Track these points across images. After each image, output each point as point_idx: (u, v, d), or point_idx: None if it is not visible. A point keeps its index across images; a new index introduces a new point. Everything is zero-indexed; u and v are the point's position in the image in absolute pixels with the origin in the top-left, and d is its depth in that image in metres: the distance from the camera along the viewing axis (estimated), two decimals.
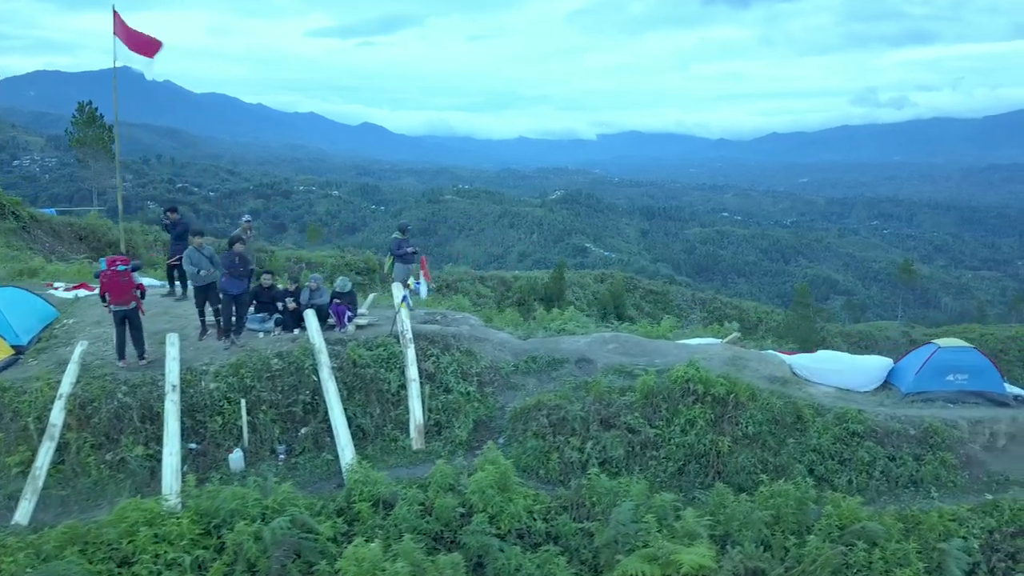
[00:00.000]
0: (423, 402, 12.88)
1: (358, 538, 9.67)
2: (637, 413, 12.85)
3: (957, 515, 11.53)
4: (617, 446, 12.48)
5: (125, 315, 12.62)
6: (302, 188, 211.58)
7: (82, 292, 17.05)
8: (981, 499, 12.11)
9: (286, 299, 13.83)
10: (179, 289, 15.95)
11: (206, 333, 13.61)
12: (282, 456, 12.05)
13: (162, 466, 10.97)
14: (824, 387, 14.69)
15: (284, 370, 12.71)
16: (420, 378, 13.16)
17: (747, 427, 12.70)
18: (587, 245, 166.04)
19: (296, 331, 13.67)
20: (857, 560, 10.39)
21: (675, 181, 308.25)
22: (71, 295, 17.01)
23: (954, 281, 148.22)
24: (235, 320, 13.28)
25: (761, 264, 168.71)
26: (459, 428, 12.83)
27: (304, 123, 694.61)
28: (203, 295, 13.41)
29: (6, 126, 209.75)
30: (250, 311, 13.99)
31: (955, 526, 11.38)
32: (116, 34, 19.02)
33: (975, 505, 11.82)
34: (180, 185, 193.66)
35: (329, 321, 14.01)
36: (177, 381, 11.91)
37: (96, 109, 51.43)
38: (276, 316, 13.89)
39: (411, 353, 13.29)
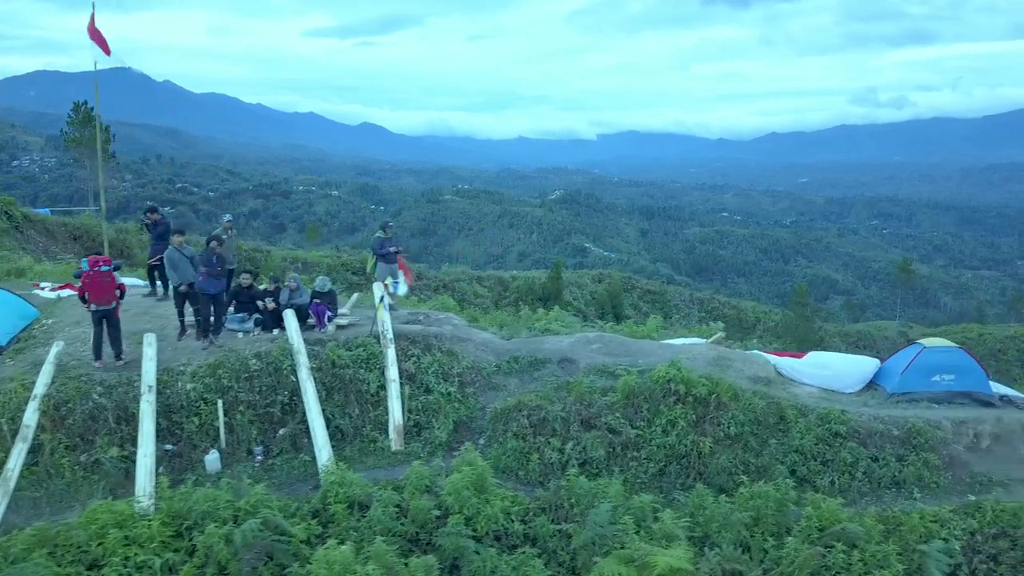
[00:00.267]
0: (403, 403, 12.77)
1: (331, 540, 9.58)
2: (618, 413, 12.75)
3: (939, 516, 11.42)
4: (597, 447, 12.38)
5: (104, 315, 12.56)
6: (302, 188, 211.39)
7: (66, 292, 16.98)
8: (964, 500, 12.00)
9: (265, 299, 13.74)
10: (160, 289, 15.88)
11: (185, 333, 13.52)
12: (259, 457, 11.97)
13: (136, 468, 10.88)
14: (809, 387, 14.59)
15: (262, 370, 12.61)
16: (400, 378, 13.06)
17: (729, 428, 12.60)
18: (587, 245, 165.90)
19: (275, 331, 13.58)
20: (836, 562, 10.29)
21: (675, 181, 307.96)
22: (54, 295, 16.95)
23: (954, 281, 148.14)
24: (213, 320, 13.19)
25: (761, 264, 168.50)
26: (439, 429, 12.73)
27: (304, 123, 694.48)
28: (182, 295, 13.32)
29: (5, 126, 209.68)
30: (230, 311, 13.90)
31: (936, 527, 11.27)
32: (89, 30, 19.20)
33: (957, 506, 11.71)
34: (180, 185, 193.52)
35: (309, 321, 13.91)
36: (153, 382, 11.81)
37: (92, 109, 51.38)
38: (255, 316, 13.79)
39: (391, 353, 13.19)
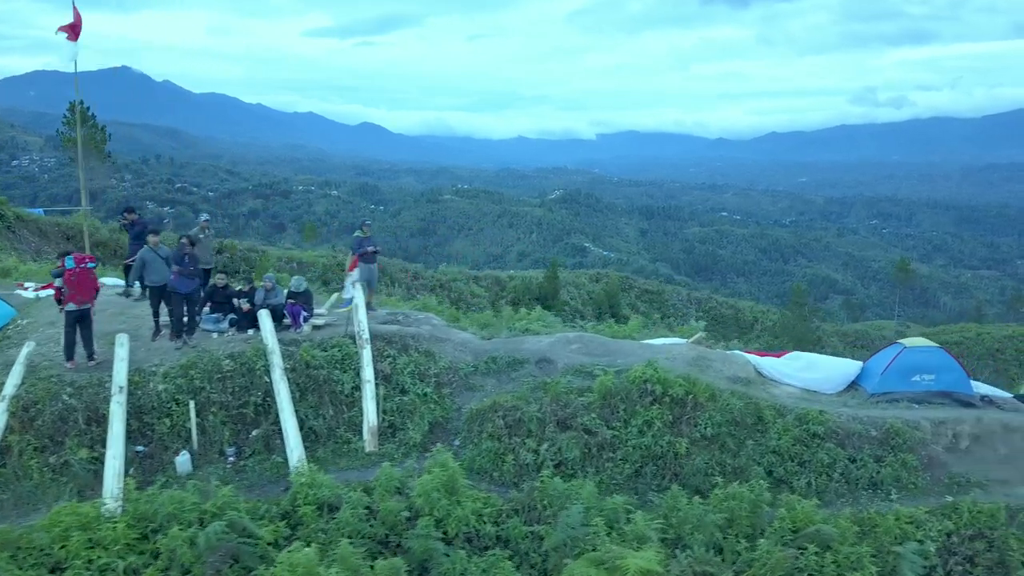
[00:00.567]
0: (377, 404, 12.69)
1: (296, 543, 9.49)
2: (594, 414, 12.66)
3: (914, 518, 11.31)
4: (573, 448, 12.29)
5: (82, 315, 12.49)
6: (301, 188, 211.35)
7: (45, 292, 16.86)
8: (942, 501, 11.91)
9: (240, 299, 13.66)
10: (137, 289, 15.79)
11: (160, 334, 13.43)
12: (231, 459, 11.88)
13: (104, 469, 10.79)
14: (790, 388, 14.50)
15: (235, 371, 12.52)
16: (376, 379, 12.97)
17: (705, 428, 12.52)
18: (586, 245, 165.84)
19: (250, 332, 13.49)
20: (809, 564, 10.20)
21: (674, 180, 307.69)
22: (33, 295, 16.85)
23: (953, 280, 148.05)
24: (187, 320, 13.11)
25: (760, 263, 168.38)
26: (413, 430, 12.64)
27: (303, 123, 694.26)
28: (157, 295, 13.24)
29: (5, 126, 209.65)
30: (205, 311, 13.81)
31: (912, 529, 11.16)
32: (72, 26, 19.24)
33: (934, 508, 11.62)
34: (179, 185, 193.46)
35: (285, 322, 13.83)
36: (125, 382, 11.72)
37: (88, 109, 51.35)
38: (230, 317, 13.71)
39: (367, 354, 13.10)
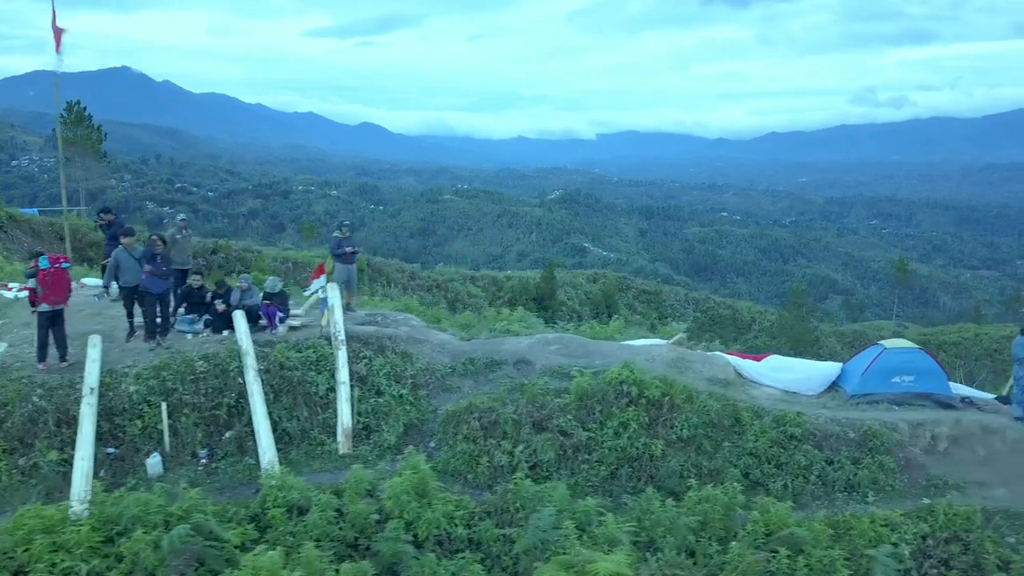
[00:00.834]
0: (352, 405, 12.62)
1: (261, 546, 9.42)
2: (570, 415, 12.58)
3: (890, 520, 11.21)
4: (548, 449, 12.22)
5: (55, 315, 12.44)
6: (301, 188, 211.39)
7: (24, 293, 16.81)
8: (918, 503, 11.82)
9: (215, 300, 13.59)
10: (115, 289, 15.69)
11: (134, 335, 13.37)
12: (203, 461, 11.81)
13: (72, 471, 10.72)
14: (770, 389, 14.43)
15: (209, 372, 12.45)
16: (351, 381, 12.90)
17: (682, 430, 12.44)
18: (586, 245, 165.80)
19: (225, 333, 13.42)
20: (780, 567, 10.13)
21: (674, 181, 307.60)
22: (14, 296, 16.78)
23: (953, 280, 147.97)
24: (160, 321, 13.04)
25: (760, 264, 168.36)
26: (388, 432, 12.57)
27: (303, 123, 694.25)
28: (130, 296, 13.17)
29: (4, 126, 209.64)
30: (180, 312, 13.75)
31: (887, 532, 11.06)
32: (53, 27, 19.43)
33: (909, 510, 11.53)
34: (179, 185, 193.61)
35: (261, 323, 13.76)
36: (96, 384, 11.65)
37: (84, 109, 51.34)
38: (205, 318, 13.64)
39: (342, 355, 13.03)
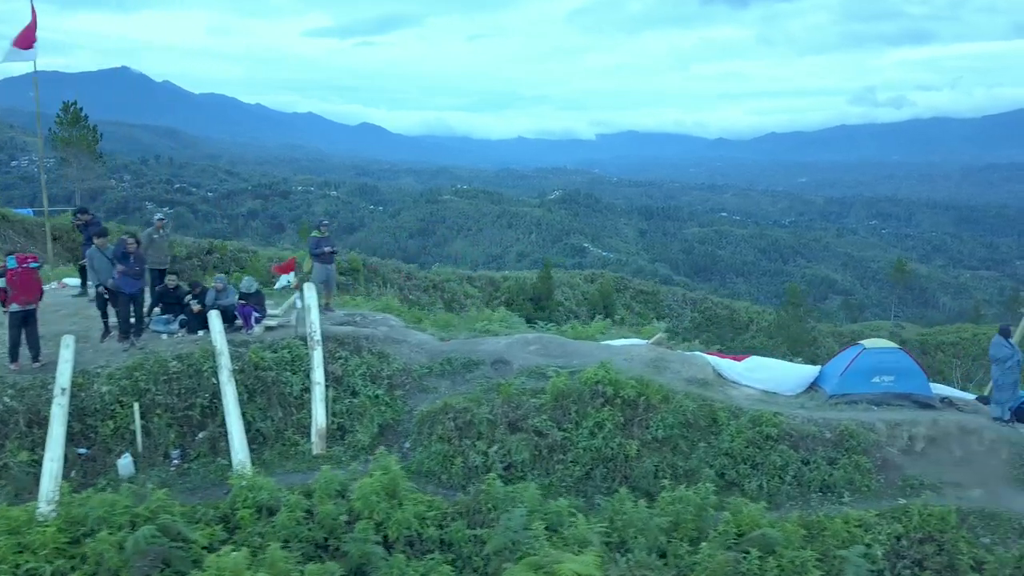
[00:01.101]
0: (327, 406, 12.57)
1: (226, 547, 9.37)
2: (546, 416, 12.54)
3: (864, 521, 11.18)
4: (522, 450, 12.18)
5: (26, 315, 12.39)
6: (300, 188, 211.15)
7: None
8: (894, 504, 11.78)
9: (190, 300, 13.54)
10: (92, 290, 15.67)
11: (108, 335, 13.32)
12: (176, 461, 11.76)
13: (42, 472, 10.69)
14: (749, 389, 14.39)
15: (182, 372, 12.39)
16: (326, 381, 12.86)
17: (657, 430, 12.40)
18: (585, 245, 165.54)
19: (200, 333, 13.37)
20: (750, 568, 10.08)
21: (674, 181, 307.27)
22: None
23: (952, 281, 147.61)
24: (134, 321, 12.99)
25: (759, 264, 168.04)
26: (362, 432, 12.52)
27: (303, 123, 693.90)
28: (103, 296, 13.13)
29: (4, 127, 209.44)
30: (156, 312, 13.71)
31: (861, 532, 11.02)
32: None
33: (884, 510, 11.48)
34: (178, 185, 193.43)
35: (238, 323, 13.71)
36: (68, 384, 11.59)
37: (81, 110, 51.29)
38: (181, 318, 13.60)
39: (317, 355, 12.98)
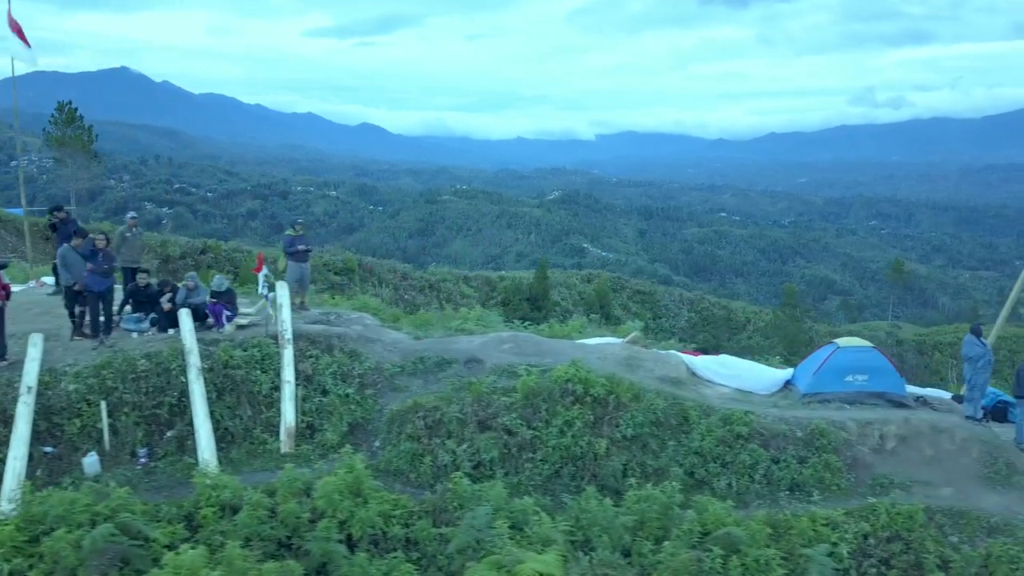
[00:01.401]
0: (296, 404, 12.55)
1: (184, 545, 9.35)
2: (516, 414, 12.52)
3: (831, 519, 11.14)
4: (491, 448, 12.15)
5: None
6: (300, 188, 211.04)
7: None
8: (863, 502, 11.74)
9: (161, 298, 13.52)
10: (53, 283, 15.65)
11: (78, 333, 13.29)
12: (143, 460, 11.73)
13: (4, 470, 10.67)
14: (723, 388, 14.35)
15: (151, 371, 12.36)
16: (297, 380, 12.83)
17: (627, 428, 12.37)
18: (585, 245, 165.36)
19: (171, 331, 13.35)
20: (713, 567, 10.06)
21: (673, 181, 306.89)
22: None
23: (952, 281, 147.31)
24: (103, 319, 12.96)
25: (759, 264, 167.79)
26: (331, 431, 12.50)
27: (302, 123, 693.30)
28: (73, 294, 13.11)
29: (4, 127, 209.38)
30: (127, 310, 13.69)
31: (828, 531, 11.00)
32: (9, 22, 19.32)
33: (851, 509, 11.44)
34: (178, 185, 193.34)
35: (209, 321, 13.69)
36: (34, 383, 11.58)
37: (76, 109, 51.30)
38: (152, 316, 13.58)
39: (288, 354, 12.95)
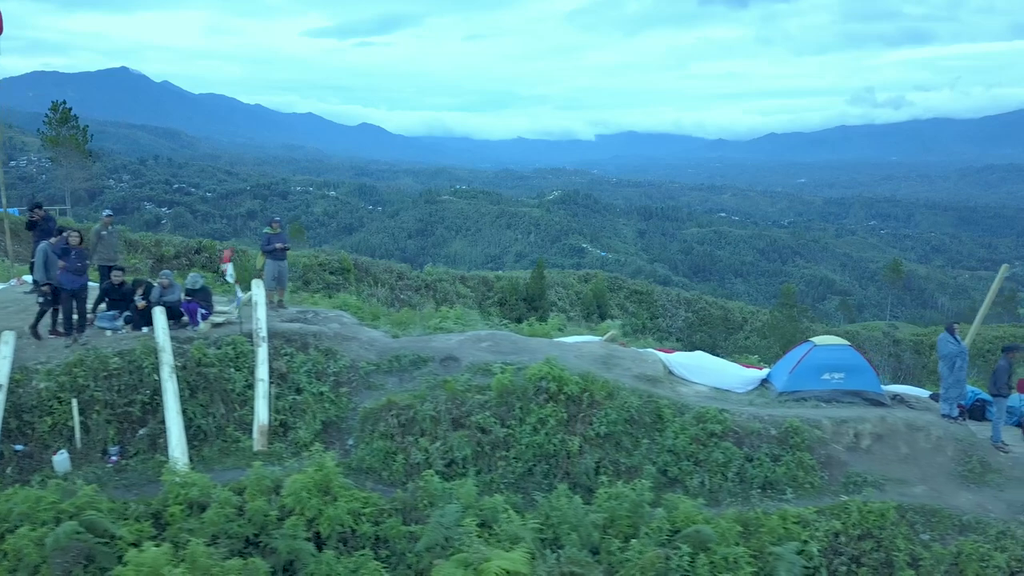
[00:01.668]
0: (269, 402, 12.52)
1: (147, 542, 9.33)
2: (489, 412, 12.50)
3: (802, 517, 11.11)
4: (464, 446, 12.13)
5: None
6: (299, 188, 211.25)
7: None
8: (836, 500, 11.71)
9: (135, 296, 13.49)
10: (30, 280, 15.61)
11: (53, 331, 13.27)
12: (114, 458, 11.70)
13: None
14: (699, 386, 14.34)
15: (123, 369, 12.33)
16: (271, 378, 12.81)
17: (600, 426, 12.35)
18: (584, 245, 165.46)
19: (145, 329, 13.31)
20: (681, 565, 10.03)
21: (673, 181, 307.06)
22: None
23: (951, 281, 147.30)
24: (77, 317, 12.93)
25: (758, 264, 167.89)
26: (304, 430, 12.47)
27: (302, 123, 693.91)
28: (38, 292, 13.10)
29: (3, 127, 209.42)
30: (101, 308, 13.67)
31: (799, 529, 10.97)
32: None
33: (823, 507, 11.42)
34: (177, 185, 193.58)
35: (184, 319, 13.67)
36: (5, 380, 11.57)
37: (70, 109, 51.33)
38: (126, 314, 13.55)
39: (262, 352, 12.93)
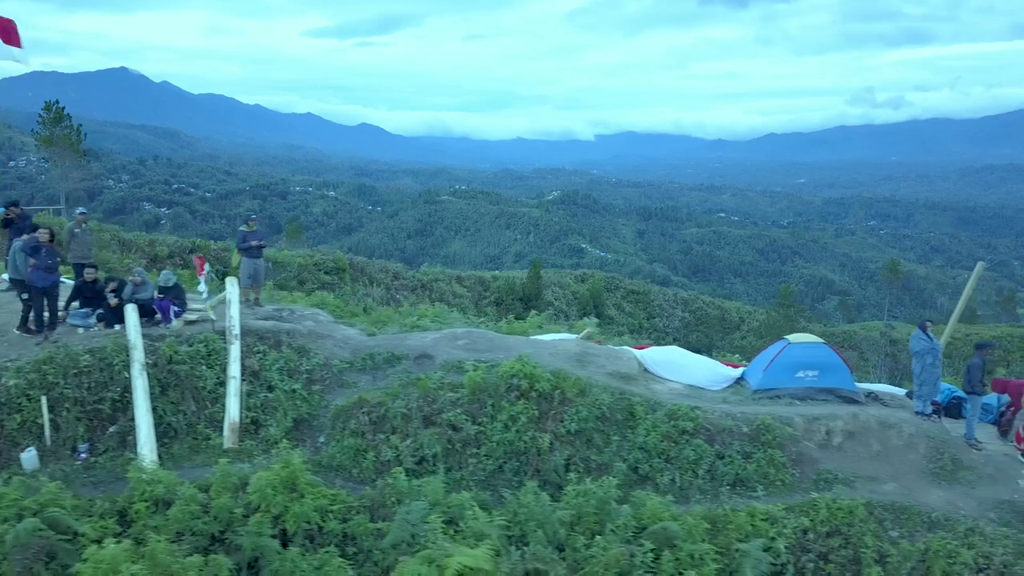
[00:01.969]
0: (240, 400, 12.52)
1: (107, 540, 9.32)
2: (461, 410, 12.49)
3: (770, 514, 11.10)
4: (434, 444, 12.13)
5: None
6: (299, 189, 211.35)
7: None
8: (805, 497, 11.70)
9: (107, 294, 13.49)
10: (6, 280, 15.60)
11: (23, 328, 13.26)
12: (83, 455, 11.69)
13: None
14: (674, 383, 14.33)
15: (93, 366, 12.31)
16: (243, 375, 12.81)
17: (571, 423, 12.34)
18: (583, 246, 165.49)
19: (117, 327, 13.30)
20: (645, 561, 10.02)
21: (672, 181, 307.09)
22: None
23: (950, 281, 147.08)
24: (48, 315, 12.93)
25: (758, 264, 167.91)
26: (275, 427, 12.47)
27: (301, 123, 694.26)
28: (18, 290, 13.10)
29: (3, 127, 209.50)
30: (74, 306, 13.67)
31: (767, 526, 10.96)
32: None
33: (792, 504, 11.41)
34: (177, 186, 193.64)
35: (157, 317, 13.66)
36: None
37: (63, 109, 51.39)
38: (98, 312, 13.54)
39: (235, 350, 12.92)
